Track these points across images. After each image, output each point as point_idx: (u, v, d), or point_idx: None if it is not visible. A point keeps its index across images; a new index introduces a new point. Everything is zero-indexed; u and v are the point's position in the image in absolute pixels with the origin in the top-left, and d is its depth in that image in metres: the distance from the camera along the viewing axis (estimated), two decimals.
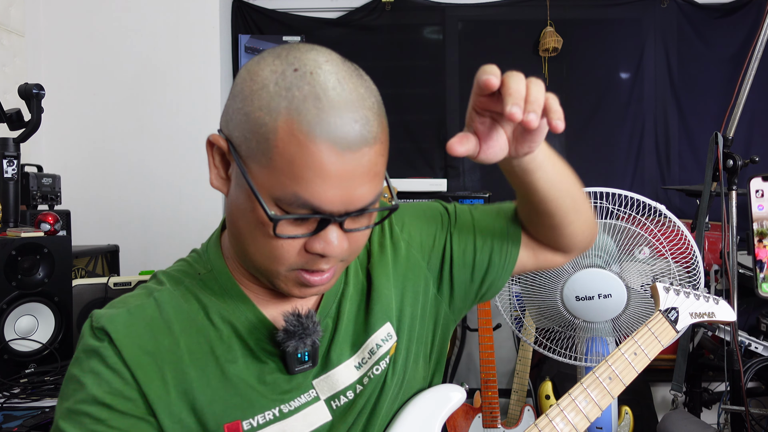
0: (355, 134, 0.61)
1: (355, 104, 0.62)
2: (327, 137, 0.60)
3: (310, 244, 0.65)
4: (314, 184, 0.61)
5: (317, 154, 0.60)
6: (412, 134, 2.86)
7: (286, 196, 0.62)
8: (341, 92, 0.61)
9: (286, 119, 0.60)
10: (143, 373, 0.67)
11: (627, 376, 0.92)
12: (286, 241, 0.64)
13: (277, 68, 0.62)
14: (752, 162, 1.60)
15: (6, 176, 1.54)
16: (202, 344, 0.71)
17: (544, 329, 1.51)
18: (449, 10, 2.85)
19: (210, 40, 2.61)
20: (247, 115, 0.62)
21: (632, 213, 1.36)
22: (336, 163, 0.60)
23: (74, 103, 2.58)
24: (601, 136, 2.82)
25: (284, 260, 0.66)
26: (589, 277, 1.38)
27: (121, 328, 0.69)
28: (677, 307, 1.00)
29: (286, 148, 0.60)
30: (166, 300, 0.73)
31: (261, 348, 0.73)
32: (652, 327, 0.97)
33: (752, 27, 2.69)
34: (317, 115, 0.60)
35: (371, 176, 0.64)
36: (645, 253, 1.39)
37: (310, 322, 0.71)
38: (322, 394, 0.75)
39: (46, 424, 1.14)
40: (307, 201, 0.61)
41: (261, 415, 0.71)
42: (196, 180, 2.55)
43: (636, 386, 2.43)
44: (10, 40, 2.34)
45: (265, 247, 0.66)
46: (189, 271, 0.77)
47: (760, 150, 2.69)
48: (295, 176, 0.61)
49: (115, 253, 2.13)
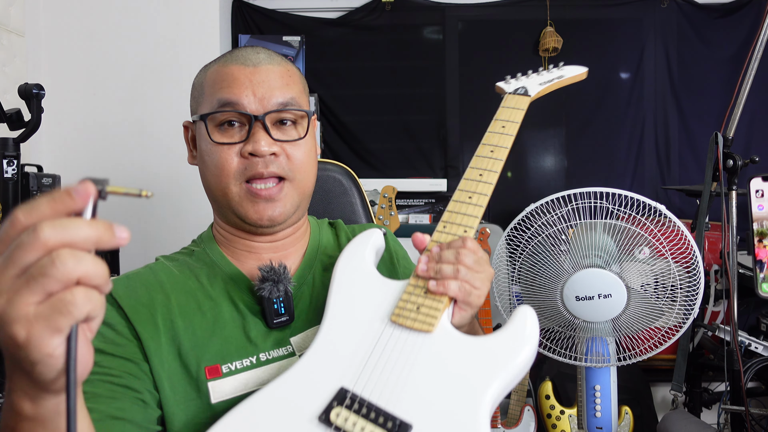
0: (258, 58, 0.84)
1: (262, 50, 0.86)
2: (237, 62, 0.83)
3: (243, 148, 0.82)
4: (230, 87, 0.81)
5: (231, 71, 0.82)
6: (412, 134, 2.86)
7: (212, 105, 0.82)
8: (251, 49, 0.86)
9: (212, 68, 0.86)
10: (138, 319, 0.78)
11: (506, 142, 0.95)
12: (224, 149, 0.81)
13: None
14: (752, 162, 1.60)
15: (6, 176, 1.54)
16: (190, 301, 0.83)
17: (544, 329, 1.51)
18: (449, 10, 2.85)
19: (210, 40, 2.61)
20: (193, 84, 0.89)
21: (632, 213, 1.36)
22: (245, 72, 0.82)
23: (74, 103, 2.58)
24: (601, 136, 2.82)
25: (227, 167, 0.82)
26: (589, 277, 1.38)
27: (121, 288, 0.82)
28: (523, 85, 1.04)
29: (210, 79, 0.84)
30: (160, 268, 0.86)
31: (244, 303, 0.85)
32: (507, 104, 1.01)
33: (752, 27, 2.69)
34: (230, 55, 0.85)
35: (281, 84, 0.84)
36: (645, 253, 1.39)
37: (282, 269, 0.83)
38: (298, 351, 0.84)
39: None
40: (224, 98, 0.81)
41: (239, 361, 0.80)
42: (196, 180, 2.53)
43: (636, 386, 2.44)
44: (10, 40, 2.34)
45: (212, 163, 0.83)
46: (185, 251, 0.93)
47: (760, 150, 2.69)
48: (216, 89, 0.82)
49: (115, 253, 2.13)
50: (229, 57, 0.85)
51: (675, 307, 1.39)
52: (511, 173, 2.86)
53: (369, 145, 2.80)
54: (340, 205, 1.26)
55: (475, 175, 0.90)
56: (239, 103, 0.81)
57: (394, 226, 2.20)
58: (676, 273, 1.37)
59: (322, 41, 2.80)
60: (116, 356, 0.75)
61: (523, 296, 1.49)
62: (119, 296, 0.80)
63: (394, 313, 0.75)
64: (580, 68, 1.10)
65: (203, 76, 0.86)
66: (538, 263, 1.43)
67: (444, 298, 0.74)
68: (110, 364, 0.75)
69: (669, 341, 1.43)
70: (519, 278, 1.46)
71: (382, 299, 0.78)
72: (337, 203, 1.25)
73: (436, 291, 0.74)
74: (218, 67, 0.84)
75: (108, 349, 0.76)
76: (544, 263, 1.42)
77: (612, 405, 1.54)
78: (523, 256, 1.44)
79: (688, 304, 1.39)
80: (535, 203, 1.42)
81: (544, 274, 1.43)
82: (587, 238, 1.39)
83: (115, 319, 0.78)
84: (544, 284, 1.44)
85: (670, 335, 1.43)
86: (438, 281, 0.75)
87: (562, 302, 1.42)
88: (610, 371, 1.53)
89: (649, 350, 1.45)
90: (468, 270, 0.75)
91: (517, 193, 2.79)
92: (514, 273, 1.46)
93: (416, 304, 0.75)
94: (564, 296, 1.41)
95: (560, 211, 1.40)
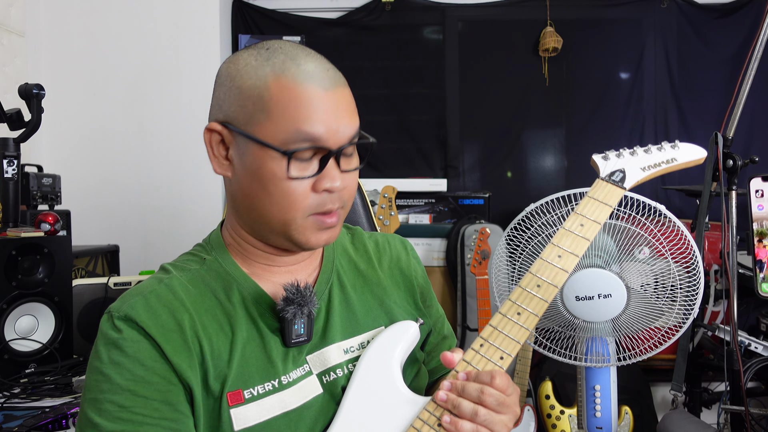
0: (330, 78, 0.76)
1: (321, 60, 0.78)
2: (310, 82, 0.74)
3: (317, 183, 0.75)
4: (310, 118, 0.73)
5: (306, 94, 0.73)
6: (412, 134, 2.86)
7: (289, 135, 0.73)
8: (308, 54, 0.77)
9: (273, 78, 0.74)
10: (172, 348, 0.72)
11: (578, 248, 0.83)
12: (297, 183, 0.74)
13: (252, 52, 0.77)
14: (752, 162, 1.60)
15: (6, 176, 1.54)
16: (211, 321, 0.77)
17: (544, 329, 1.51)
18: (449, 10, 2.85)
19: (210, 40, 2.61)
20: (239, 88, 0.75)
21: (632, 213, 1.36)
22: (323, 99, 0.74)
23: (74, 103, 2.58)
24: (601, 136, 2.82)
25: (299, 204, 0.75)
26: (589, 277, 1.38)
27: (143, 312, 0.74)
28: (622, 168, 0.90)
29: (280, 98, 0.73)
30: (176, 285, 0.78)
31: (263, 321, 0.79)
32: (594, 194, 0.87)
33: (752, 27, 2.69)
34: (297, 69, 0.74)
35: (351, 111, 0.78)
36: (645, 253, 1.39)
37: (308, 292, 0.79)
38: (315, 369, 0.81)
39: (46, 424, 1.14)
40: (308, 133, 0.73)
41: (261, 386, 0.76)
42: (196, 180, 2.55)
43: (636, 386, 2.44)
44: (10, 40, 2.34)
45: (279, 197, 0.75)
46: (194, 259, 0.84)
47: (760, 150, 2.69)
48: (293, 116, 0.73)
49: (115, 253, 2.13)
50: (296, 69, 0.74)
51: (675, 307, 1.39)
52: (511, 173, 2.86)
53: None
54: None
55: (533, 286, 0.80)
56: (321, 138, 0.73)
57: (394, 226, 2.20)
58: (676, 273, 1.37)
59: (322, 41, 2.80)
60: (149, 399, 0.70)
61: None
62: (145, 324, 0.72)
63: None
64: (698, 151, 0.93)
65: (261, 86, 0.74)
66: None
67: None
68: (143, 410, 0.70)
69: (669, 341, 1.43)
70: (519, 278, 1.46)
71: (397, 417, 0.75)
72: None
73: (449, 429, 0.71)
74: (285, 82, 0.73)
75: (140, 391, 0.70)
76: None
77: (612, 405, 1.54)
78: (523, 256, 1.44)
79: (687, 304, 1.39)
80: (535, 203, 1.42)
81: None
82: None
83: (145, 353, 0.71)
84: None
85: (670, 335, 1.43)
86: (452, 418, 0.71)
87: (562, 302, 1.42)
88: (610, 371, 1.53)
89: (649, 350, 1.45)
90: (489, 413, 0.70)
91: (517, 193, 2.79)
92: (514, 273, 1.46)
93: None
94: (564, 296, 1.41)
95: (560, 211, 1.40)
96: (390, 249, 0.97)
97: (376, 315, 0.88)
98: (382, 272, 0.94)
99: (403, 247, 0.99)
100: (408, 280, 0.95)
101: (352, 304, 0.88)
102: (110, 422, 0.69)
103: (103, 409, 0.69)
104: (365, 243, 0.97)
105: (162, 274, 0.82)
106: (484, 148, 2.88)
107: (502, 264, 1.51)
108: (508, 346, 0.76)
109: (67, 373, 1.37)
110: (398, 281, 0.94)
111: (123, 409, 0.69)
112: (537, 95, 2.84)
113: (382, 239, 0.99)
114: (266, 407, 0.75)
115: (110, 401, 0.70)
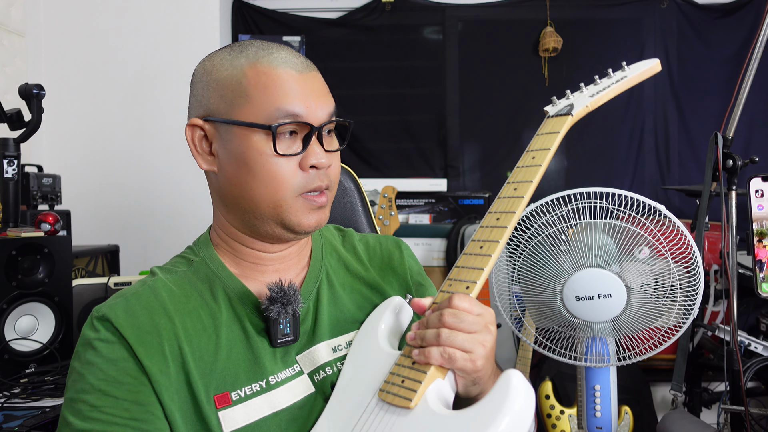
0: (302, 62, 0.79)
1: (291, 50, 0.81)
2: (284, 66, 0.77)
3: (303, 161, 0.77)
4: (289, 96, 0.76)
5: (283, 76, 0.76)
6: (412, 134, 2.86)
7: (270, 114, 0.75)
8: (278, 46, 0.80)
9: (249, 65, 0.77)
10: (144, 350, 0.72)
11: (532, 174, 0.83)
12: (284, 161, 0.76)
13: (225, 49, 0.81)
14: (752, 162, 1.60)
15: (6, 176, 1.54)
16: (194, 322, 0.77)
17: (544, 329, 1.51)
18: (449, 10, 2.85)
19: (210, 40, 2.61)
20: (217, 80, 0.79)
21: (632, 213, 1.36)
22: (299, 80, 0.77)
23: (74, 103, 2.58)
24: (601, 136, 2.82)
25: (287, 182, 0.76)
26: (589, 277, 1.38)
27: (121, 313, 0.74)
28: (570, 103, 0.90)
29: (257, 81, 0.76)
30: (160, 286, 0.79)
31: (249, 321, 0.80)
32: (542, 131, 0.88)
33: (752, 27, 2.69)
34: (270, 56, 0.77)
35: (325, 92, 0.80)
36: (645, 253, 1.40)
37: (292, 291, 0.78)
38: (305, 368, 0.81)
39: (47, 424, 1.14)
40: (288, 110, 0.75)
41: (248, 387, 0.76)
42: (197, 180, 2.54)
43: (636, 386, 2.44)
44: (11, 41, 2.34)
45: (267, 177, 0.76)
46: (182, 261, 0.85)
47: (760, 150, 2.69)
48: (272, 96, 0.75)
49: (115, 253, 2.13)
50: (269, 57, 0.77)
51: (675, 307, 1.39)
52: (511, 173, 2.86)
53: (369, 145, 2.80)
54: (340, 205, 1.26)
55: (492, 221, 0.81)
56: (301, 115, 0.76)
57: (394, 226, 2.20)
58: (675, 273, 1.37)
59: (322, 41, 2.80)
60: (119, 399, 0.70)
61: (523, 296, 1.49)
62: (120, 325, 0.73)
63: (381, 388, 0.72)
64: (648, 63, 0.94)
65: (238, 73, 0.77)
66: (538, 263, 1.43)
67: (428, 368, 0.69)
68: (113, 410, 0.70)
69: (669, 341, 1.43)
70: (519, 278, 1.46)
71: (381, 371, 0.75)
72: (337, 203, 1.25)
73: (419, 360, 0.70)
74: (262, 68, 0.76)
75: (111, 391, 0.70)
76: (544, 263, 1.42)
77: (612, 405, 1.54)
78: (523, 256, 1.44)
79: (687, 304, 1.39)
80: (535, 203, 1.42)
81: (544, 274, 1.43)
82: (587, 238, 1.39)
83: (118, 353, 0.72)
84: (543, 284, 1.44)
85: (670, 335, 1.43)
86: (420, 350, 0.71)
87: (562, 302, 1.42)
88: (610, 371, 1.54)
89: (648, 350, 1.45)
90: (452, 332, 0.69)
91: None
92: (514, 273, 1.46)
93: (401, 377, 0.71)
94: (564, 296, 1.41)
95: (560, 211, 1.40)
96: (381, 248, 0.97)
97: (366, 313, 0.88)
98: (373, 270, 0.93)
99: (396, 245, 0.98)
100: (401, 277, 0.94)
101: (341, 303, 0.87)
102: (81, 421, 0.70)
103: (76, 408, 0.71)
104: (355, 244, 0.97)
105: (148, 277, 0.82)
106: (484, 148, 2.88)
107: (502, 264, 1.51)
108: (472, 276, 0.75)
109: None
110: (390, 279, 0.93)
111: (94, 409, 0.70)
112: (537, 95, 2.84)
113: (373, 240, 0.99)
114: (254, 408, 0.75)
115: (83, 401, 0.70)
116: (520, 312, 1.54)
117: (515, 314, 1.53)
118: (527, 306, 1.50)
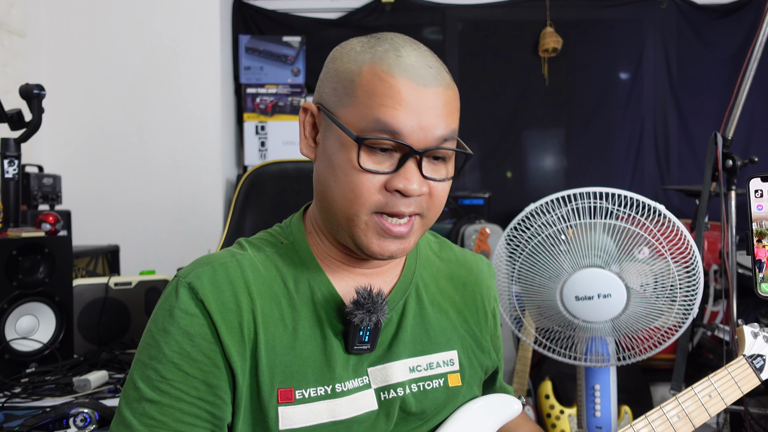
0: (430, 75, 0.70)
1: (427, 56, 0.72)
2: (405, 75, 0.69)
3: (390, 181, 0.70)
4: (393, 110, 0.68)
5: (396, 86, 0.68)
6: None
7: (368, 124, 0.68)
8: (416, 48, 0.72)
9: (369, 65, 0.70)
10: (227, 329, 0.70)
11: (698, 417, 0.84)
12: (367, 177, 0.69)
13: (362, 39, 0.74)
14: (751, 162, 1.61)
15: (7, 176, 1.54)
16: (273, 310, 0.74)
17: (544, 329, 1.51)
18: (449, 10, 2.85)
19: (210, 40, 2.61)
20: (336, 71, 0.73)
21: (632, 213, 1.37)
22: (413, 94, 0.68)
23: (74, 103, 2.58)
24: (601, 136, 2.83)
25: (363, 198, 0.69)
26: (589, 277, 1.38)
27: (207, 284, 0.71)
28: (764, 354, 0.90)
29: (368, 84, 0.69)
30: (247, 263, 0.75)
31: (328, 321, 0.76)
32: (733, 371, 0.88)
33: (751, 27, 2.70)
34: (396, 59, 0.70)
35: (445, 113, 0.71)
36: (644, 253, 1.40)
37: (380, 299, 0.74)
38: (374, 383, 0.77)
39: (47, 423, 1.14)
40: (387, 124, 0.68)
41: (314, 389, 0.73)
42: (197, 180, 2.55)
43: (635, 386, 2.44)
44: (11, 41, 2.34)
45: (346, 187, 0.70)
46: (271, 240, 0.80)
47: (760, 150, 2.70)
48: (376, 104, 0.68)
49: (116, 253, 2.13)
50: (395, 60, 0.69)
51: (674, 306, 1.39)
52: (511, 173, 2.87)
53: None
54: None
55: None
56: (402, 133, 0.68)
57: None
58: (675, 273, 1.37)
59: (322, 42, 2.81)
60: (190, 376, 0.69)
61: (523, 296, 1.49)
62: (206, 298, 0.70)
63: None
64: None
65: (356, 70, 0.71)
66: (538, 263, 1.43)
67: None
68: (182, 386, 0.69)
69: (668, 341, 1.43)
70: (519, 278, 1.46)
71: None
72: None
73: None
74: (380, 71, 0.69)
75: (183, 365, 0.69)
76: (543, 263, 1.42)
77: (611, 404, 1.54)
78: (522, 256, 1.44)
79: (687, 304, 1.39)
80: (535, 203, 1.42)
81: (544, 274, 1.43)
82: (587, 238, 1.39)
83: (196, 328, 0.69)
84: (543, 284, 1.44)
85: (670, 335, 1.43)
86: None
87: (562, 302, 1.42)
88: (610, 371, 1.54)
89: (648, 350, 1.45)
90: None
91: (517, 193, 2.80)
92: (514, 273, 1.47)
93: None
94: (564, 296, 1.41)
95: (560, 211, 1.40)
96: (477, 271, 0.92)
97: (450, 337, 0.84)
98: (466, 293, 0.89)
99: (489, 272, 0.94)
100: (490, 306, 0.91)
101: (428, 321, 0.83)
102: (150, 389, 0.69)
103: (146, 374, 0.69)
104: (451, 258, 0.92)
105: (237, 248, 0.78)
106: (484, 148, 2.88)
107: (502, 264, 1.51)
108: None
109: (68, 373, 1.37)
110: (478, 306, 0.90)
111: (164, 381, 0.69)
112: (537, 95, 2.85)
113: (471, 258, 0.94)
114: (315, 412, 0.72)
115: (154, 368, 0.69)
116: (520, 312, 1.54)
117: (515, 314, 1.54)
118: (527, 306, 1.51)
